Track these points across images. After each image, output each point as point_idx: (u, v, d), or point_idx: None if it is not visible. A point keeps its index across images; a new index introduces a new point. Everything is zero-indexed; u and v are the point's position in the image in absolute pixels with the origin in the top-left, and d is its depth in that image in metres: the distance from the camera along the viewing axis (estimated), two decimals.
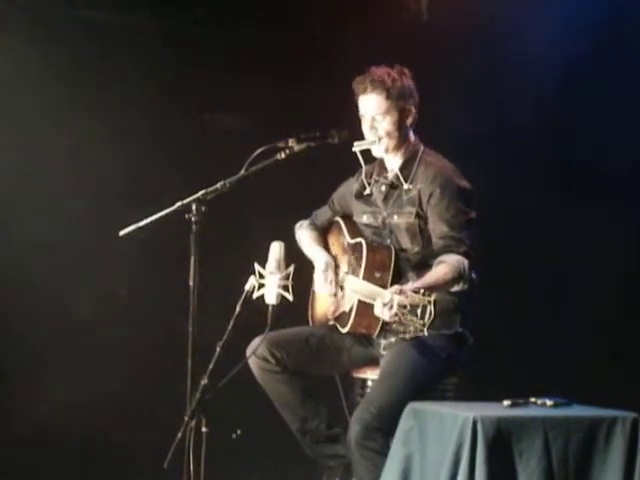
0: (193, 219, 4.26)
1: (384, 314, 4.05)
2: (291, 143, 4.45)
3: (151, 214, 4.34)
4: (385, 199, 4.58)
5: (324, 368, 4.67)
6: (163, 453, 4.19)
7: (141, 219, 4.34)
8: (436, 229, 4.42)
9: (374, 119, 4.50)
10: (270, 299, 4.30)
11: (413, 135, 4.58)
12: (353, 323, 4.48)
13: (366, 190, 4.67)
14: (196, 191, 4.30)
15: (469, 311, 4.50)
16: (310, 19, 6.20)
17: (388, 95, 4.46)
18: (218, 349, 4.24)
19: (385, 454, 4.17)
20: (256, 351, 4.49)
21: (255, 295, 4.30)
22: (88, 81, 5.86)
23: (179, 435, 4.17)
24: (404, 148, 4.55)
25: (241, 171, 4.38)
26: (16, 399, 5.73)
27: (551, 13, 6.00)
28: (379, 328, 4.47)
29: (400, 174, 4.54)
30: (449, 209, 4.40)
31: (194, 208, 4.27)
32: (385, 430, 4.21)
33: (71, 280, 5.83)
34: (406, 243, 4.51)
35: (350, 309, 4.49)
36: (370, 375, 4.57)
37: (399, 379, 4.33)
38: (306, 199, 5.04)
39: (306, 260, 4.78)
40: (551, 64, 5.97)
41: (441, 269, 4.27)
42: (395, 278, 4.44)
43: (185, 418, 4.18)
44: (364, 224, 4.66)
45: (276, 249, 4.38)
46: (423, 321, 3.97)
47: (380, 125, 4.50)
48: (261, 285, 4.31)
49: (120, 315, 5.86)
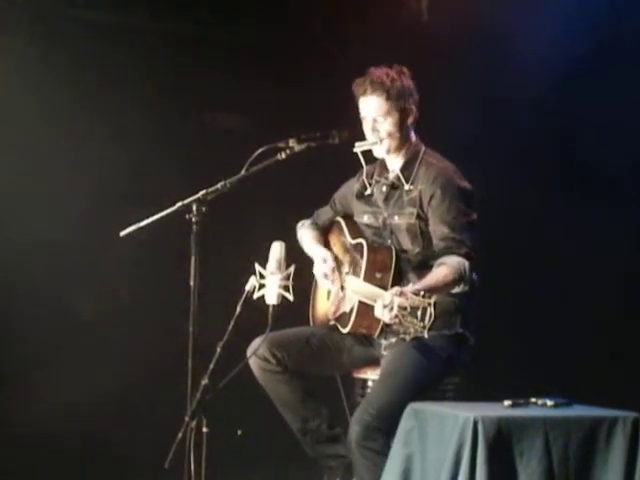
0: (194, 219, 4.26)
1: (384, 316, 4.05)
2: (292, 143, 4.44)
3: (151, 214, 4.34)
4: (386, 199, 4.57)
5: (325, 368, 4.66)
6: (164, 453, 4.19)
7: (141, 219, 4.34)
8: (437, 230, 4.41)
9: (375, 121, 4.49)
10: (271, 299, 4.30)
11: (414, 135, 4.58)
12: (354, 323, 4.47)
13: (367, 190, 4.66)
14: (196, 191, 4.30)
15: (470, 312, 4.49)
16: (310, 19, 6.19)
17: (388, 96, 4.45)
18: (219, 349, 4.24)
19: (386, 454, 4.17)
20: (257, 351, 4.49)
21: (256, 295, 4.31)
22: (88, 81, 5.86)
23: (180, 435, 4.17)
24: (405, 148, 4.55)
25: (242, 171, 4.38)
26: (16, 399, 5.72)
27: (551, 13, 6.00)
28: (380, 329, 4.47)
29: (401, 175, 4.53)
30: (450, 210, 4.39)
31: (195, 208, 4.26)
32: (385, 430, 4.21)
33: (71, 280, 5.83)
34: (407, 244, 4.50)
35: (351, 310, 4.49)
36: (371, 375, 4.57)
37: (399, 379, 4.33)
38: (307, 199, 5.03)
39: (307, 260, 4.77)
40: (551, 64, 5.96)
41: (442, 271, 4.27)
42: (396, 279, 4.44)
43: (186, 418, 4.18)
44: (365, 224, 4.66)
45: (277, 249, 4.38)
46: (423, 323, 3.96)
47: (381, 126, 4.49)
48: (262, 285, 4.31)
49: (120, 315, 5.86)
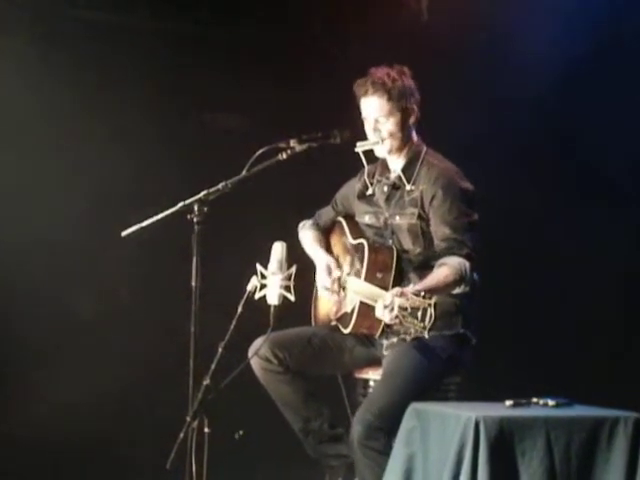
0: (195, 219, 4.26)
1: (385, 316, 4.06)
2: (293, 143, 4.44)
3: (151, 214, 4.33)
4: (387, 200, 4.57)
5: (326, 368, 4.66)
6: (165, 454, 4.19)
7: (141, 219, 4.33)
8: (438, 231, 4.41)
9: (377, 121, 4.49)
10: (272, 299, 4.30)
11: (416, 135, 4.58)
12: (355, 324, 4.48)
13: (368, 190, 4.66)
14: (196, 191, 4.30)
15: (471, 312, 4.49)
16: (310, 19, 6.19)
17: (390, 97, 4.45)
18: (220, 349, 4.24)
19: (387, 454, 4.17)
20: (258, 351, 4.49)
21: (257, 295, 4.31)
22: (88, 81, 5.86)
23: (181, 435, 4.17)
24: (407, 149, 4.54)
25: (243, 172, 4.37)
26: (16, 399, 5.72)
27: (551, 13, 5.99)
28: (381, 329, 4.47)
29: (403, 175, 4.53)
30: (451, 211, 4.39)
31: (196, 209, 4.26)
32: (387, 430, 4.21)
33: (71, 280, 5.83)
34: (408, 244, 4.50)
35: (352, 310, 4.49)
36: (372, 375, 4.57)
37: (400, 379, 4.33)
38: (308, 199, 5.03)
39: (308, 260, 4.77)
40: (551, 64, 5.96)
41: (442, 271, 4.27)
42: (397, 279, 4.44)
43: (187, 418, 4.18)
44: (366, 224, 4.65)
45: (278, 249, 4.38)
46: (424, 324, 3.97)
47: (383, 127, 4.49)
48: (263, 285, 4.31)
49: (121, 315, 5.85)
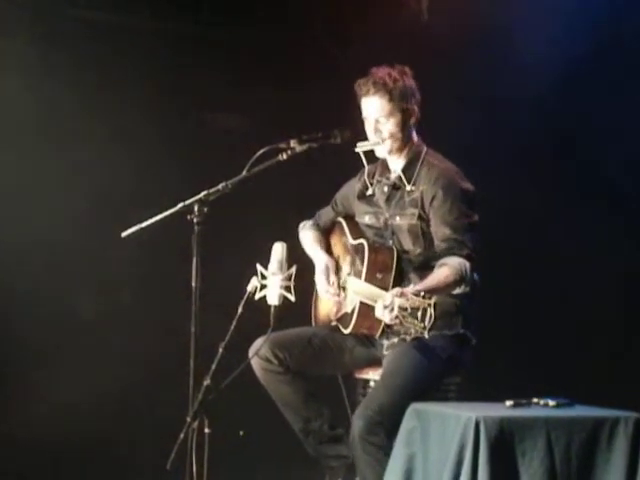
0: (195, 220, 4.25)
1: (385, 317, 4.06)
2: (293, 144, 4.43)
3: (151, 214, 4.33)
4: (387, 200, 4.57)
5: (326, 368, 4.66)
6: (165, 454, 4.19)
7: (141, 219, 4.33)
8: (438, 232, 4.40)
9: (377, 121, 4.49)
10: (272, 300, 4.30)
11: (416, 135, 4.57)
12: (355, 324, 4.48)
13: (368, 190, 4.66)
14: (196, 191, 4.29)
15: (471, 312, 4.49)
16: (310, 19, 6.19)
17: (391, 97, 4.45)
18: (220, 350, 4.24)
19: (387, 452, 4.17)
20: (259, 352, 4.49)
21: (257, 296, 4.31)
22: (88, 81, 5.85)
23: (181, 436, 4.16)
24: (407, 149, 4.54)
25: (243, 172, 4.36)
26: (16, 399, 5.71)
27: (551, 13, 5.99)
28: (381, 329, 4.47)
29: (403, 175, 4.52)
30: (452, 212, 4.39)
31: (196, 209, 4.26)
32: (387, 426, 4.21)
33: (72, 280, 5.82)
34: (408, 244, 4.50)
35: (352, 310, 4.49)
36: (372, 376, 4.56)
37: (401, 379, 4.32)
38: (308, 200, 5.03)
39: (308, 261, 4.77)
40: (551, 64, 5.95)
41: (443, 272, 4.27)
42: (397, 279, 4.44)
43: (187, 419, 4.18)
44: (366, 225, 4.65)
45: (278, 250, 4.38)
46: (424, 324, 3.97)
47: (384, 127, 4.49)
48: (263, 286, 4.31)
49: (122, 315, 5.84)
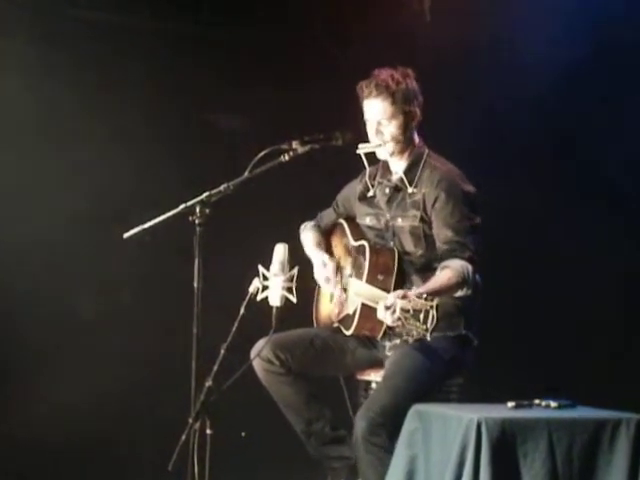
0: (197, 221, 4.24)
1: (386, 318, 4.06)
2: (295, 145, 4.42)
3: (151, 214, 4.32)
4: (389, 201, 4.57)
5: (328, 370, 4.67)
6: (167, 455, 4.18)
7: (141, 219, 4.32)
8: (440, 234, 4.41)
9: (379, 123, 4.49)
10: (274, 301, 4.30)
11: (417, 137, 4.57)
12: (357, 326, 4.48)
13: (369, 192, 4.66)
14: (196, 191, 4.29)
15: (473, 313, 4.49)
16: (310, 19, 6.18)
17: (393, 100, 4.44)
18: (222, 351, 4.23)
19: (389, 451, 4.17)
20: (260, 353, 4.49)
21: (259, 297, 4.30)
22: (88, 81, 5.84)
23: (183, 437, 4.16)
24: (409, 151, 4.54)
25: (245, 173, 4.36)
26: (16, 399, 5.71)
27: (551, 13, 5.99)
28: (383, 331, 4.48)
29: (405, 177, 4.52)
30: (454, 214, 4.39)
31: (198, 210, 4.25)
32: (389, 427, 4.21)
33: (72, 280, 5.81)
34: (410, 246, 4.50)
35: (354, 312, 4.50)
36: (374, 377, 4.57)
37: (402, 380, 4.33)
38: (310, 201, 5.04)
39: (310, 262, 4.77)
40: (551, 64, 5.95)
41: (445, 274, 4.28)
42: (399, 281, 4.45)
43: (189, 420, 4.17)
44: (367, 226, 4.65)
45: (280, 251, 4.37)
46: (426, 326, 3.97)
47: (385, 129, 4.48)
48: (265, 287, 4.31)
49: (123, 316, 5.83)
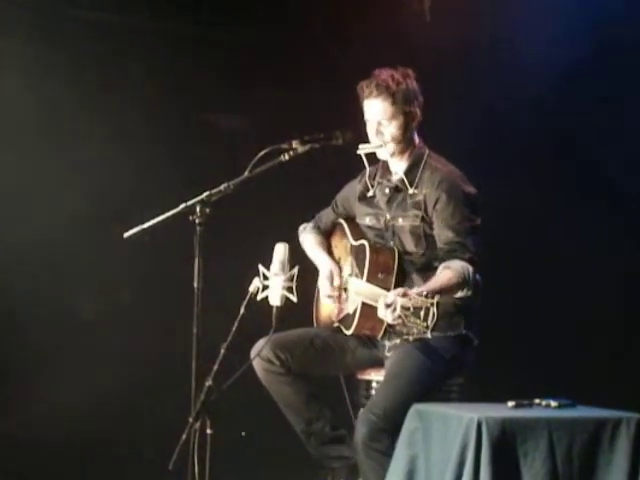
0: (197, 221, 4.24)
1: (387, 316, 4.06)
2: (295, 145, 4.42)
3: (151, 214, 4.32)
4: (388, 202, 4.57)
5: (328, 369, 4.67)
6: (167, 455, 4.18)
7: (142, 219, 4.32)
8: (441, 235, 4.41)
9: (380, 124, 4.48)
10: (274, 301, 4.30)
11: (417, 137, 4.57)
12: (357, 325, 4.48)
13: (369, 192, 4.66)
14: (196, 191, 4.29)
15: (473, 313, 4.49)
16: (310, 19, 6.18)
17: (394, 100, 4.44)
18: (222, 351, 4.23)
19: (391, 455, 4.16)
20: (260, 353, 4.49)
21: (259, 297, 4.30)
22: (88, 81, 5.85)
23: (183, 437, 4.16)
24: (409, 151, 4.54)
25: (245, 173, 4.36)
26: (16, 399, 5.71)
27: (551, 13, 5.99)
28: (383, 330, 4.48)
29: (405, 178, 4.52)
30: (454, 215, 4.39)
31: (198, 210, 4.25)
32: (391, 431, 4.20)
33: (72, 280, 5.82)
34: (410, 246, 4.50)
35: (354, 311, 4.50)
36: (374, 377, 4.57)
37: (404, 381, 4.33)
38: (310, 201, 5.04)
39: (310, 262, 4.77)
40: (551, 64, 5.96)
41: (446, 274, 4.28)
42: (399, 280, 4.45)
43: (189, 420, 4.17)
44: (367, 226, 4.65)
45: (280, 250, 4.37)
46: (426, 323, 3.98)
47: (386, 130, 4.48)
48: (265, 287, 4.31)
49: (123, 316, 5.83)
